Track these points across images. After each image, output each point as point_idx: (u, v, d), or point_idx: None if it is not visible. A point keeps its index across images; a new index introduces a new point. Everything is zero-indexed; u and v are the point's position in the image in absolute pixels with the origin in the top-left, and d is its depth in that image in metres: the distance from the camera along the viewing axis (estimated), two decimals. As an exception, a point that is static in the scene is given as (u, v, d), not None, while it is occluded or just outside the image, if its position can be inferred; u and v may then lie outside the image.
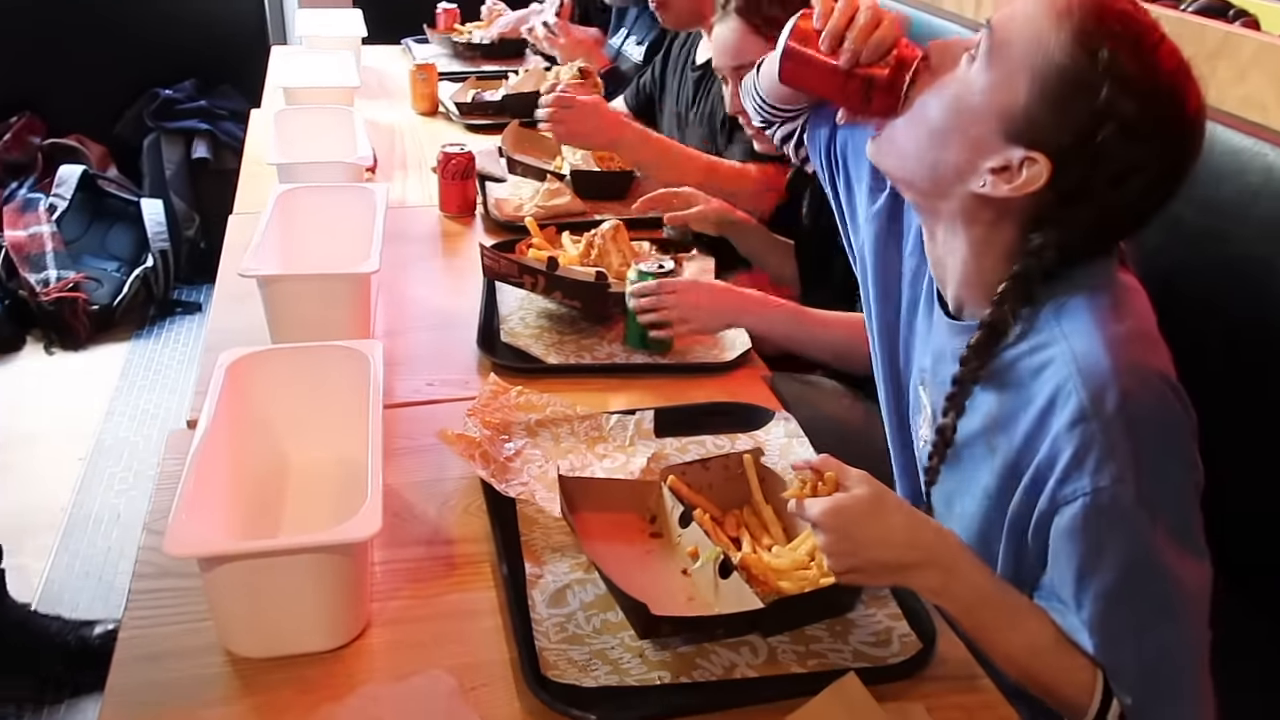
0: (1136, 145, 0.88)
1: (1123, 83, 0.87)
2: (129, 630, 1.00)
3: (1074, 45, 0.88)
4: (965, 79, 0.94)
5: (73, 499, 2.63)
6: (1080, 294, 0.93)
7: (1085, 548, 0.88)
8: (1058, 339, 0.91)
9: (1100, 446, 0.86)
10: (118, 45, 3.70)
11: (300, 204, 1.63)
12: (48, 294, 3.24)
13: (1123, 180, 0.89)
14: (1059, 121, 0.89)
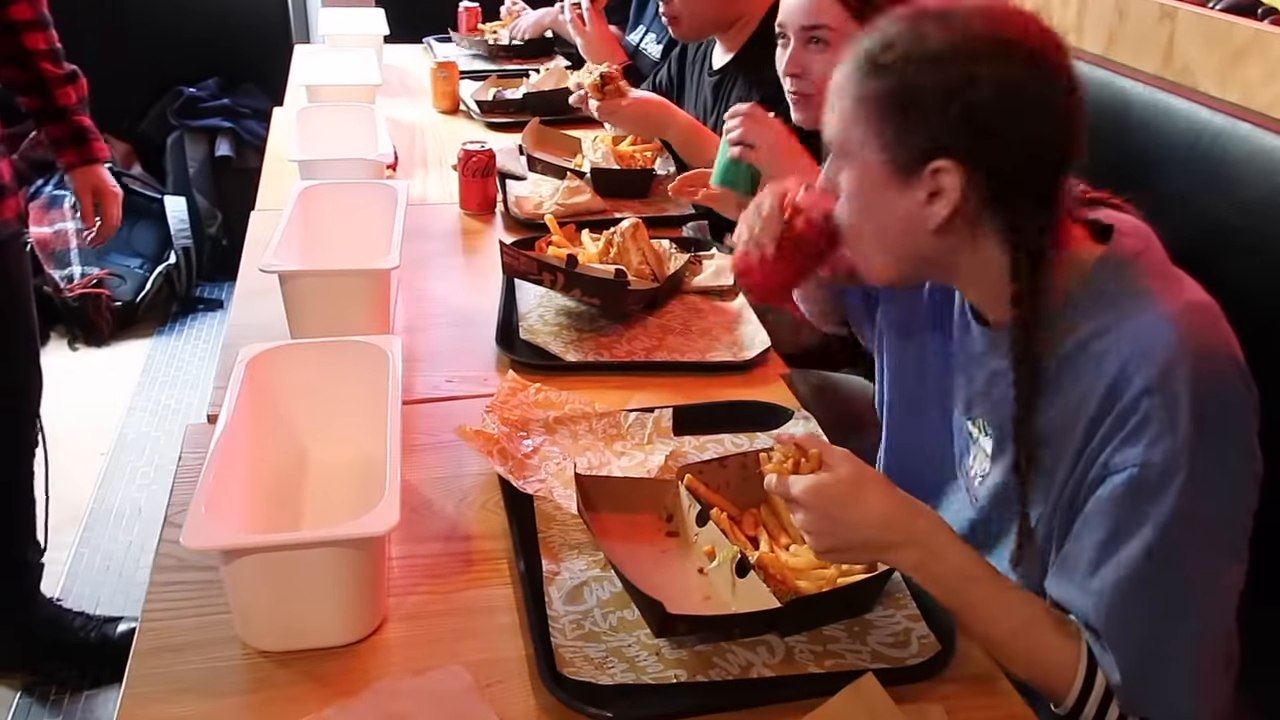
0: (990, 87, 0.89)
1: (929, 59, 0.91)
2: (148, 622, 1.01)
3: (869, 68, 0.95)
4: (847, 182, 0.99)
5: (95, 493, 2.66)
6: (1128, 278, 0.92)
7: (1120, 518, 0.87)
8: (1116, 323, 0.90)
9: (1161, 421, 0.85)
10: (142, 44, 3.73)
11: (321, 201, 1.64)
12: (72, 290, 3.27)
13: (1016, 115, 0.90)
14: (921, 125, 0.92)
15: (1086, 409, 0.90)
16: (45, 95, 1.92)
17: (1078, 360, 0.92)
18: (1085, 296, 0.93)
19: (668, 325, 1.59)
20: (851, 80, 0.97)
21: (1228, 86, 1.46)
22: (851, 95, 0.96)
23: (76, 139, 1.97)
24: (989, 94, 0.89)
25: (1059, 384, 0.94)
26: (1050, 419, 0.94)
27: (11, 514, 1.98)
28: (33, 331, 1.97)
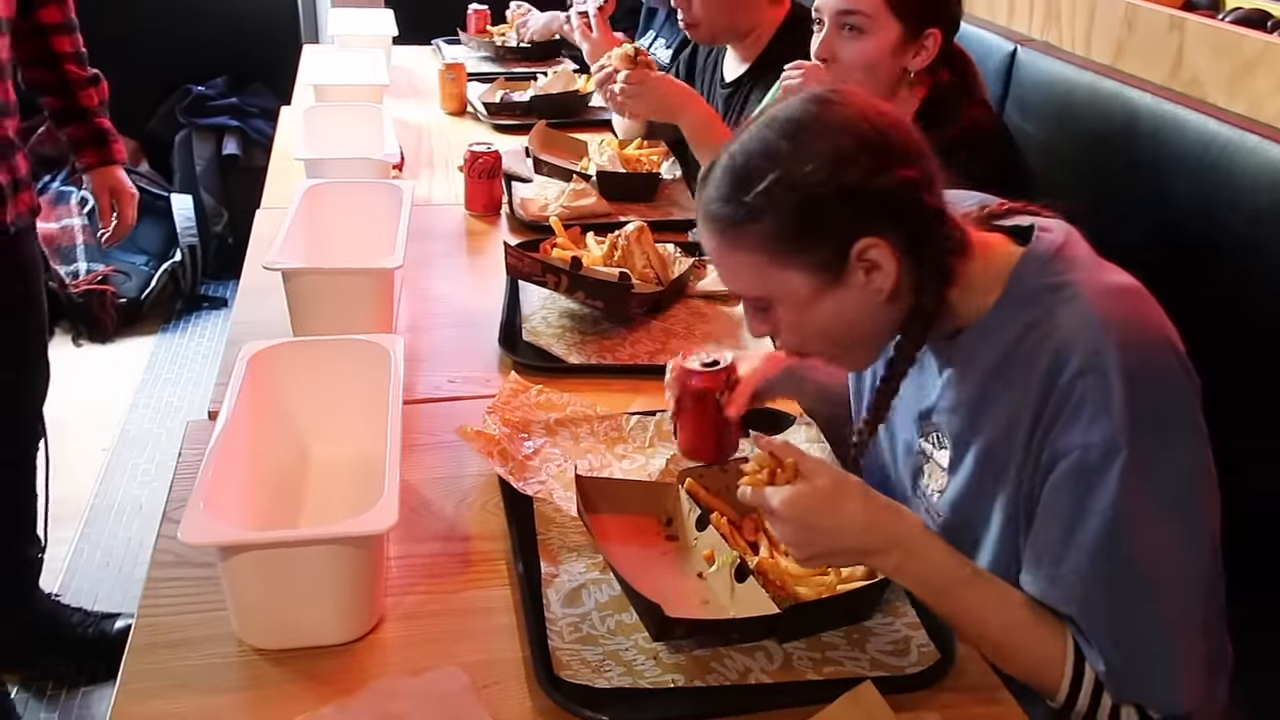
0: (856, 154, 0.91)
1: (794, 170, 0.92)
2: (145, 618, 1.00)
3: (742, 216, 0.94)
4: (784, 319, 0.99)
5: (96, 489, 2.66)
6: (1050, 272, 0.94)
7: (1072, 504, 0.88)
8: (1044, 315, 0.92)
9: (1095, 402, 0.86)
10: (152, 42, 3.73)
11: (327, 199, 1.64)
12: (77, 286, 3.27)
13: (885, 167, 0.91)
14: (826, 230, 0.93)
15: (1028, 402, 0.92)
16: (69, 96, 1.95)
17: (1015, 357, 0.94)
18: (1012, 297, 0.95)
19: (671, 329, 1.59)
20: (729, 237, 0.96)
21: (1236, 98, 1.45)
22: (741, 250, 0.96)
23: (97, 140, 2.00)
24: (859, 162, 0.91)
25: (1003, 383, 0.95)
26: (998, 419, 0.96)
27: (14, 510, 1.98)
28: (43, 325, 1.99)
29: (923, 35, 1.49)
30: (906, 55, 1.50)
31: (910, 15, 1.48)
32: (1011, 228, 1.02)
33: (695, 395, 1.19)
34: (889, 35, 1.49)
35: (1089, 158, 1.66)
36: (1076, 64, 1.74)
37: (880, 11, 1.49)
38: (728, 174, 0.96)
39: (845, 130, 0.92)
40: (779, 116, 0.96)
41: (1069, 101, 1.71)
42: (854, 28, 1.51)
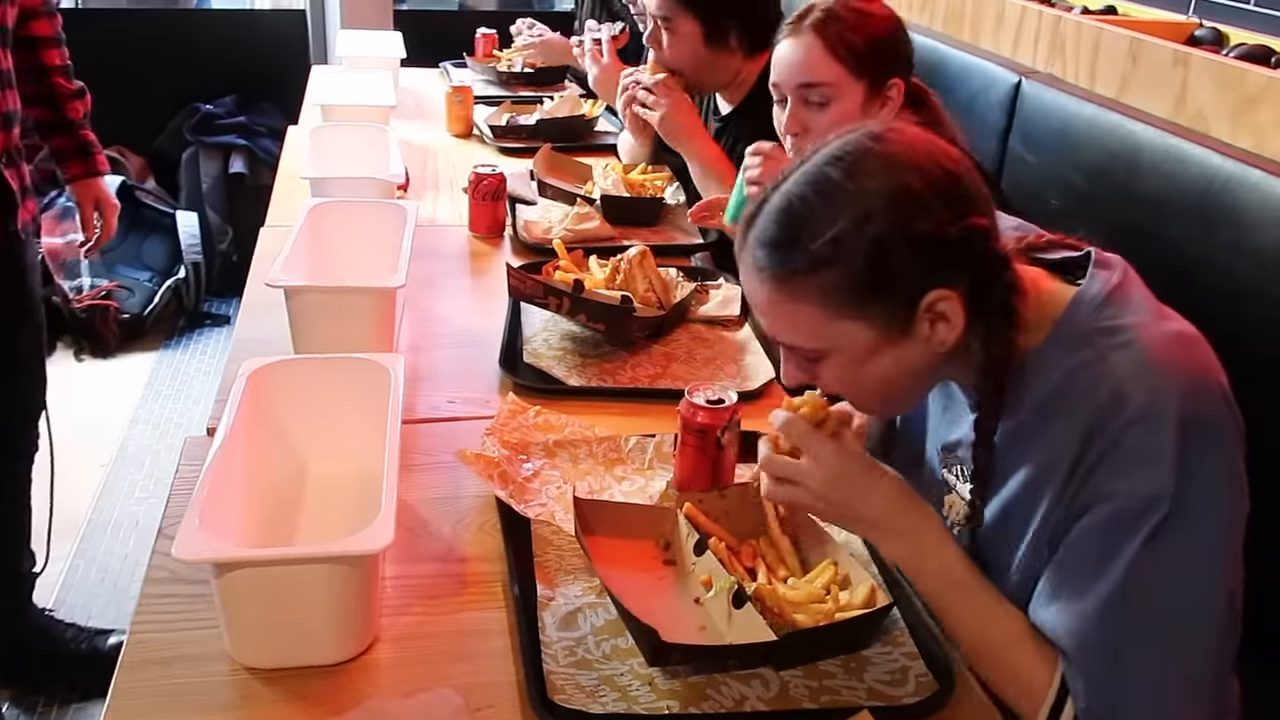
0: (930, 203, 0.87)
1: (862, 220, 0.87)
2: (137, 634, 1.00)
3: (806, 266, 0.89)
4: (838, 372, 0.95)
5: (93, 505, 2.65)
6: (1104, 315, 0.91)
7: (1103, 546, 0.86)
8: (1095, 359, 0.89)
9: (1146, 452, 0.84)
10: (163, 60, 3.76)
11: (331, 218, 1.65)
12: (80, 301, 3.28)
13: (957, 214, 0.88)
14: (898, 283, 0.89)
15: (1069, 447, 0.89)
16: (56, 109, 1.98)
17: (1060, 397, 0.91)
18: (1061, 337, 0.92)
19: (672, 353, 1.59)
20: (786, 287, 0.91)
21: (1240, 133, 1.46)
22: (800, 301, 0.91)
23: (81, 152, 2.03)
24: (931, 208, 0.87)
25: (1039, 426, 0.92)
26: (1030, 461, 0.93)
27: (8, 523, 1.97)
28: (40, 334, 1.98)
29: (886, 87, 1.49)
30: (874, 111, 1.50)
31: (871, 73, 1.48)
32: (1059, 261, 0.99)
33: (697, 431, 1.19)
34: (854, 97, 1.49)
35: (1092, 190, 1.67)
36: (1080, 96, 1.75)
37: (842, 78, 1.48)
38: (783, 217, 0.90)
39: (912, 169, 0.88)
40: (837, 154, 0.90)
41: (1072, 134, 1.72)
42: (818, 100, 1.50)
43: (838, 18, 1.48)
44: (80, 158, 2.04)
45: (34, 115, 1.96)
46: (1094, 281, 0.93)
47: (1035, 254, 1.01)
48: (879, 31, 1.49)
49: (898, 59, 1.50)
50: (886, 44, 1.49)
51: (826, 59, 1.48)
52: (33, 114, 1.96)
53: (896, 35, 1.51)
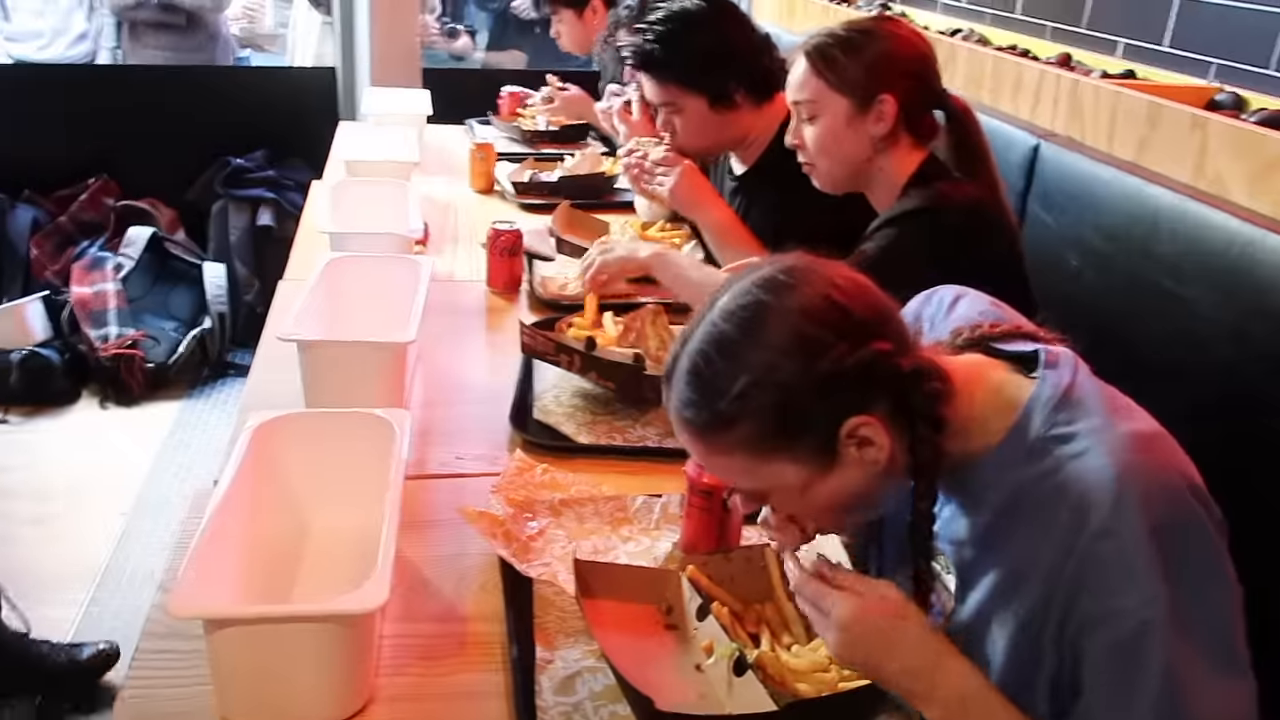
0: (833, 344, 0.88)
1: (769, 368, 0.88)
2: (131, 689, 0.99)
3: (721, 421, 0.90)
4: (781, 501, 0.98)
5: (111, 553, 2.65)
6: (1060, 420, 0.89)
7: (1120, 678, 0.83)
8: (1054, 469, 0.87)
9: (1120, 565, 0.81)
10: (195, 115, 3.84)
11: (348, 272, 1.66)
12: (106, 350, 3.32)
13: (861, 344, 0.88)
14: (812, 421, 0.89)
15: (1041, 558, 0.86)
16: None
17: (1024, 505, 0.89)
18: (1016, 444, 0.90)
19: (684, 412, 1.57)
20: (706, 441, 0.93)
21: (1259, 197, 1.45)
22: (723, 454, 0.93)
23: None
24: (830, 346, 0.88)
25: (1013, 525, 0.90)
26: (1002, 565, 0.91)
27: None
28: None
29: (875, 102, 1.49)
30: (864, 125, 1.50)
31: (855, 87, 1.49)
32: (1013, 354, 0.98)
33: (703, 492, 1.17)
34: (838, 112, 1.51)
35: (1111, 251, 1.65)
36: (1099, 159, 1.74)
37: (822, 93, 1.51)
38: (693, 379, 0.91)
39: (805, 314, 0.89)
40: (731, 309, 0.91)
41: (1091, 196, 1.71)
42: (806, 114, 1.54)
43: (831, 38, 1.52)
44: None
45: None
46: (1044, 385, 0.92)
47: (991, 343, 1.00)
48: (875, 50, 1.49)
49: (888, 76, 1.49)
50: (882, 61, 1.49)
51: (810, 77, 1.52)
52: None
53: (897, 53, 1.51)
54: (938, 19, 2.79)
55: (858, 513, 1.02)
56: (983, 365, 0.97)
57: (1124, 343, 1.55)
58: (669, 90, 1.95)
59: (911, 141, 1.53)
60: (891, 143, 1.52)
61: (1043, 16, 2.37)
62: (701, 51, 1.89)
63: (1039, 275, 1.54)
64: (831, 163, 1.56)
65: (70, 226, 3.68)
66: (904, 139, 1.52)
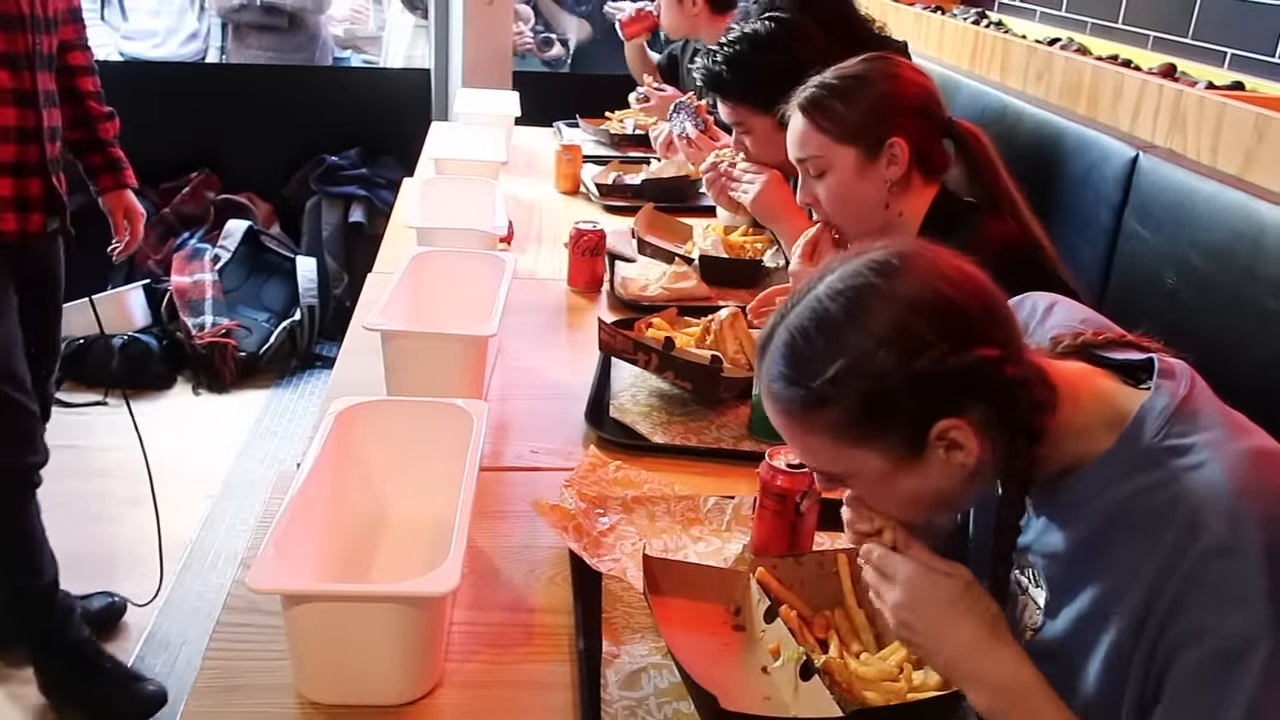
0: (930, 338, 0.85)
1: (866, 355, 0.86)
2: (211, 660, 1.02)
3: (813, 401, 0.88)
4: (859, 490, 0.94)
5: (197, 534, 2.74)
6: (1174, 431, 0.85)
7: (1207, 697, 0.79)
8: (1165, 481, 0.83)
9: (1231, 586, 0.77)
10: (293, 114, 3.96)
11: (433, 267, 1.69)
12: (201, 338, 3.43)
13: (964, 341, 0.85)
14: (904, 414, 0.86)
15: (1144, 572, 0.83)
16: (90, 129, 2.19)
17: (1130, 518, 0.85)
18: (1126, 453, 0.86)
19: (760, 416, 1.56)
20: (794, 419, 0.91)
21: (1371, 213, 1.38)
22: (809, 433, 0.90)
23: (112, 167, 2.23)
24: (932, 345, 0.85)
25: (1114, 540, 0.87)
26: (1102, 577, 0.87)
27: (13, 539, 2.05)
28: (55, 359, 2.19)
29: (886, 147, 1.46)
30: (877, 171, 1.47)
31: (861, 135, 1.46)
32: (1120, 362, 0.94)
33: (776, 495, 1.16)
34: (846, 162, 1.48)
35: (1210, 270, 1.60)
36: (1201, 173, 1.69)
37: (828, 147, 1.48)
38: (788, 353, 0.90)
39: (914, 306, 0.86)
40: (839, 288, 0.89)
41: (1191, 211, 1.65)
42: (814, 170, 1.51)
43: (825, 89, 1.49)
44: (111, 172, 2.24)
45: (71, 136, 2.15)
46: (1160, 394, 0.88)
47: (1094, 351, 0.96)
48: (874, 93, 1.46)
49: (900, 115, 1.46)
50: (883, 103, 1.46)
51: (810, 131, 1.49)
52: (70, 135, 2.14)
53: (898, 93, 1.47)
54: (1036, 28, 2.73)
55: (941, 511, 0.99)
56: (1088, 373, 0.93)
57: (1223, 366, 1.49)
58: (737, 110, 1.95)
59: (923, 180, 1.51)
60: (905, 184, 1.49)
61: (1146, 26, 2.30)
62: (768, 72, 1.86)
63: (1131, 292, 1.49)
64: (849, 215, 1.53)
65: (173, 218, 3.82)
66: (916, 177, 1.50)
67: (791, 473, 1.15)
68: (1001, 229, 1.45)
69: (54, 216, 2.00)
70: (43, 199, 1.96)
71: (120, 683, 2.15)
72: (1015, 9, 2.87)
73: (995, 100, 2.21)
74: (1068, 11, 2.61)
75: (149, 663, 2.29)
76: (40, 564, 2.07)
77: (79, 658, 2.14)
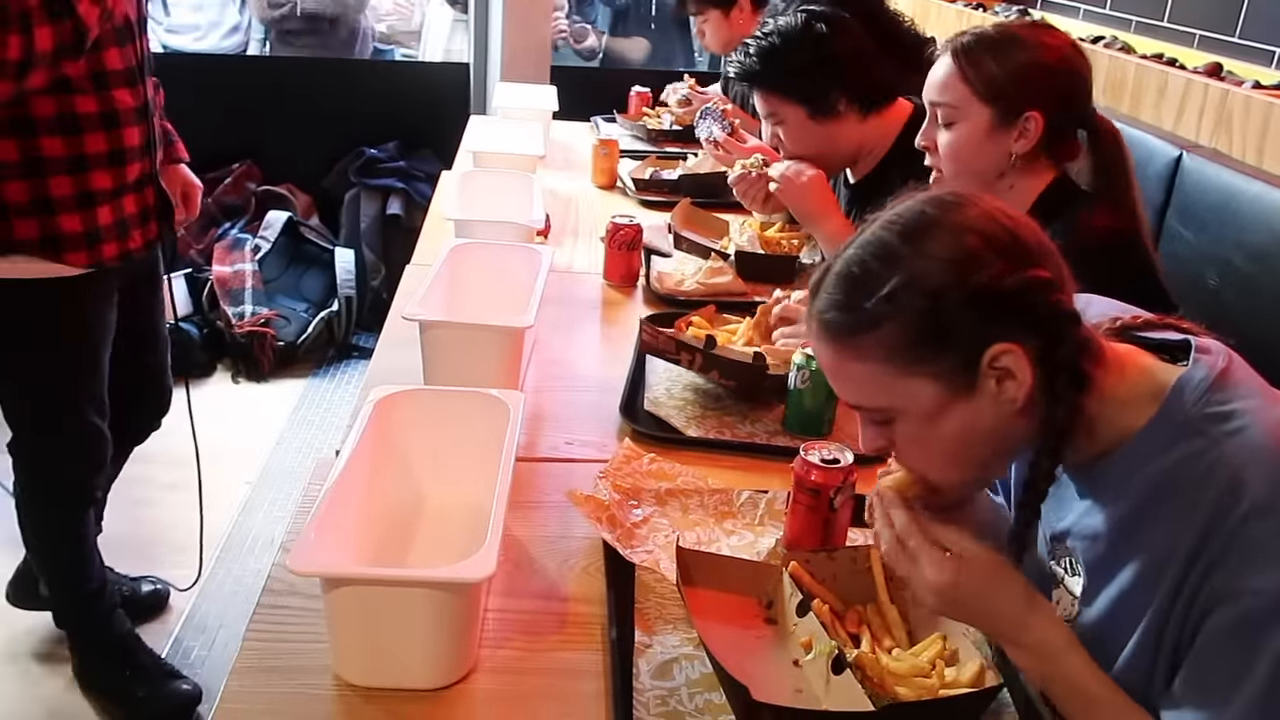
0: (987, 256, 0.87)
1: (920, 275, 0.87)
2: (250, 641, 1.04)
3: (866, 322, 0.89)
4: (906, 434, 0.94)
5: (236, 519, 2.78)
6: (1213, 400, 0.85)
7: (1236, 654, 0.79)
8: (1207, 448, 0.83)
9: (1270, 547, 0.78)
10: (334, 106, 4.00)
11: (471, 258, 1.70)
12: (241, 327, 3.48)
13: (1017, 263, 0.87)
14: (959, 336, 0.87)
15: (1184, 539, 0.83)
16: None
17: (1172, 487, 0.85)
18: (1167, 422, 0.87)
19: (794, 411, 1.56)
20: (847, 347, 0.91)
21: None
22: (861, 360, 0.91)
23: (165, 141, 2.09)
24: (988, 262, 0.86)
25: (1155, 514, 0.87)
26: (1144, 552, 0.88)
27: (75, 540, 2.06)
28: (167, 350, 2.21)
29: (1020, 118, 1.43)
30: (1005, 140, 1.45)
31: (1001, 98, 1.43)
32: (1158, 342, 0.95)
33: (810, 490, 1.17)
34: (979, 121, 1.45)
35: (1254, 271, 1.58)
36: (1246, 173, 1.67)
37: (966, 99, 1.45)
38: (843, 280, 0.91)
39: (969, 230, 0.88)
40: (896, 219, 0.91)
41: (1235, 211, 1.63)
42: (945, 118, 1.49)
43: (981, 40, 1.46)
44: (164, 146, 2.12)
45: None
46: (1198, 366, 0.88)
47: (1131, 333, 0.97)
48: (1026, 60, 1.43)
49: (1039, 93, 1.43)
50: (1033, 74, 1.43)
51: (954, 79, 1.47)
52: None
53: (1051, 68, 1.44)
54: (1079, 26, 2.70)
55: (983, 465, 0.98)
56: (1130, 351, 0.93)
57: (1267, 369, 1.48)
58: (769, 101, 1.95)
59: (1048, 162, 1.48)
60: (1028, 161, 1.46)
61: (1192, 25, 2.27)
62: (800, 62, 1.87)
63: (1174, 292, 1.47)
64: (961, 172, 1.50)
65: (214, 208, 3.87)
66: (1041, 159, 1.47)
67: (826, 468, 1.16)
68: (1110, 220, 1.42)
69: (166, 221, 1.96)
70: (155, 206, 1.91)
71: (156, 680, 2.16)
72: (1058, 6, 2.84)
73: (1036, 98, 2.19)
74: (1112, 10, 2.58)
75: (186, 645, 2.33)
76: (90, 570, 2.09)
77: (120, 651, 2.16)
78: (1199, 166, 1.76)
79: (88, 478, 2.02)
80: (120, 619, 2.17)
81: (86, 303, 1.85)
